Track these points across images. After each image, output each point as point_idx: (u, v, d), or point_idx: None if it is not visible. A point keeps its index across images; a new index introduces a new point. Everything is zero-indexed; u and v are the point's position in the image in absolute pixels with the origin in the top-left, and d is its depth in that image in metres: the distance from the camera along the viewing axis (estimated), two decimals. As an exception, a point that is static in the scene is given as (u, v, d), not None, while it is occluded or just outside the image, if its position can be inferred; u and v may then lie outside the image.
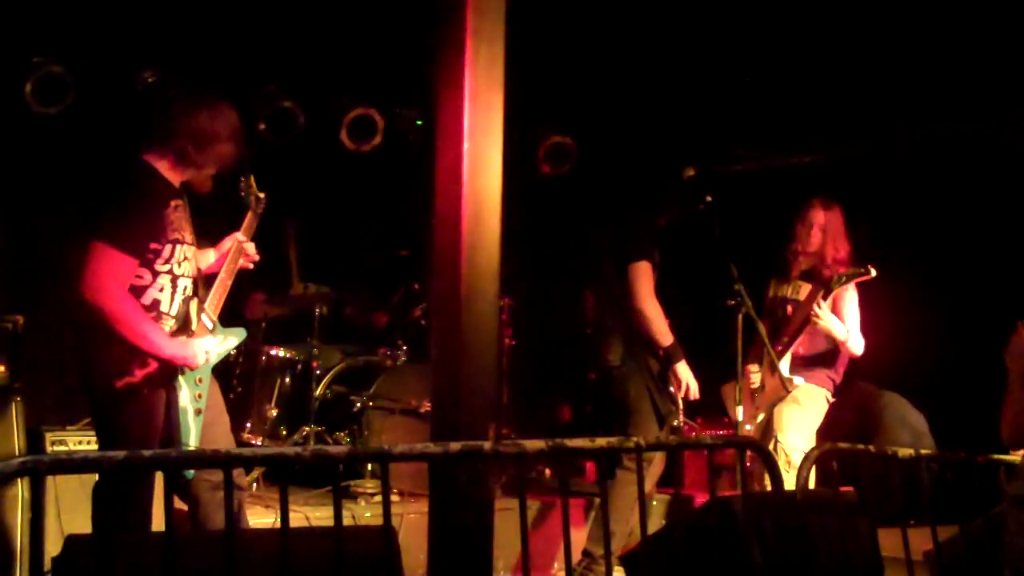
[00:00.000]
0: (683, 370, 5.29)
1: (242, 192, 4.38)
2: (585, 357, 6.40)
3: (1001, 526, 3.52)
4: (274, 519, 4.97)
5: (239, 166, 4.21)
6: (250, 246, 4.29)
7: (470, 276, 3.50)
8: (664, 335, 5.26)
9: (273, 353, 6.26)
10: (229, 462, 2.77)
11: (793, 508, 3.47)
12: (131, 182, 3.88)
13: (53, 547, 2.69)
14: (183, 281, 3.92)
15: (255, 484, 5.80)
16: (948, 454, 4.59)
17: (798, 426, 5.23)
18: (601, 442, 3.15)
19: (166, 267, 3.85)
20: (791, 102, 6.56)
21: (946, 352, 6.22)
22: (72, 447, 4.85)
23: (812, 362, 5.34)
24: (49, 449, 4.78)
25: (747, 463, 3.73)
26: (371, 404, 6.12)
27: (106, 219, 3.77)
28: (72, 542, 2.71)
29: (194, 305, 3.98)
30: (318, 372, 6.15)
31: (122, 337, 3.72)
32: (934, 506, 3.97)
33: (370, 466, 5.88)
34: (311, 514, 5.16)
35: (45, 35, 5.82)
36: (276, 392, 6.22)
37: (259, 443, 6.02)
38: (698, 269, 5.66)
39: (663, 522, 5.98)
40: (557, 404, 7.55)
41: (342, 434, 6.18)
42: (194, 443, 3.89)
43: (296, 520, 4.84)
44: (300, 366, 6.25)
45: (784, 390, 5.15)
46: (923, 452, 4.20)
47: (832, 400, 5.38)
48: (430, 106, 3.70)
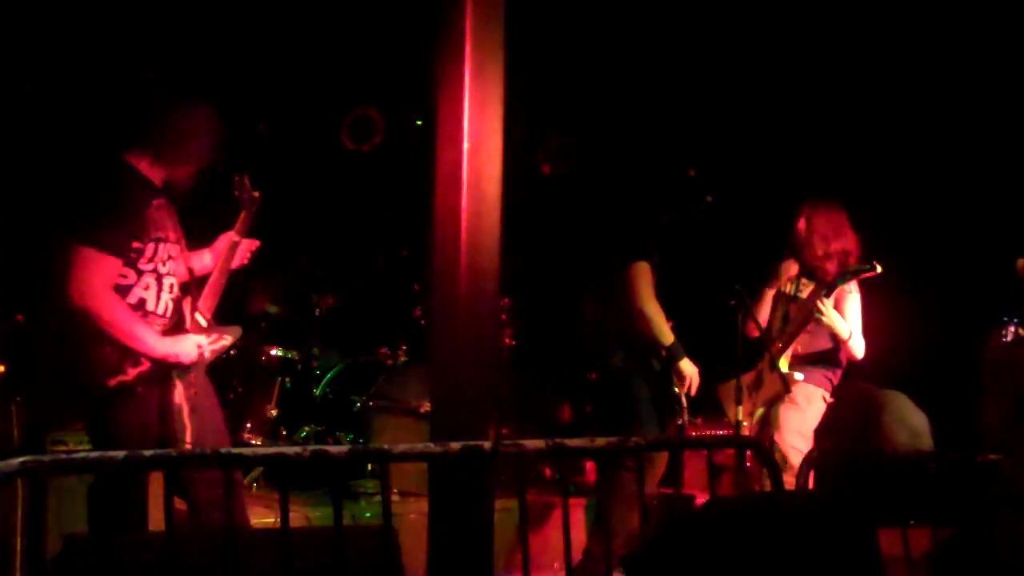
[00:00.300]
0: (686, 367, 5.29)
1: (236, 191, 4.34)
2: (585, 357, 6.40)
3: (999, 528, 3.53)
4: (274, 519, 4.96)
5: (219, 164, 4.17)
6: (245, 244, 4.26)
7: (470, 276, 3.50)
8: (665, 335, 5.26)
9: (273, 353, 6.26)
10: (229, 462, 2.77)
11: (793, 508, 3.47)
12: (110, 181, 3.84)
13: (53, 547, 2.69)
14: (168, 279, 3.89)
15: (255, 484, 5.80)
16: (948, 454, 4.58)
17: (796, 427, 5.20)
18: (601, 442, 3.15)
19: (150, 266, 3.82)
20: (790, 102, 6.56)
21: (947, 351, 6.21)
22: (72, 447, 4.85)
23: (811, 361, 5.31)
24: (49, 449, 4.78)
25: (747, 463, 3.73)
26: (371, 404, 6.12)
27: (88, 220, 3.73)
28: (72, 542, 2.71)
29: (187, 305, 3.95)
30: (318, 372, 6.15)
31: (113, 338, 3.69)
32: (934, 506, 3.97)
33: (370, 466, 5.88)
34: (311, 514, 5.16)
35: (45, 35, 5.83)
36: (276, 392, 6.22)
37: (259, 443, 6.03)
38: (698, 269, 5.66)
39: (663, 522, 5.97)
40: (557, 404, 7.54)
41: (342, 434, 6.18)
42: (189, 441, 3.85)
43: (296, 520, 4.84)
44: (300, 366, 6.26)
45: (784, 389, 5.14)
46: (923, 452, 4.20)
47: (829, 400, 5.37)
48: (430, 106, 3.69)
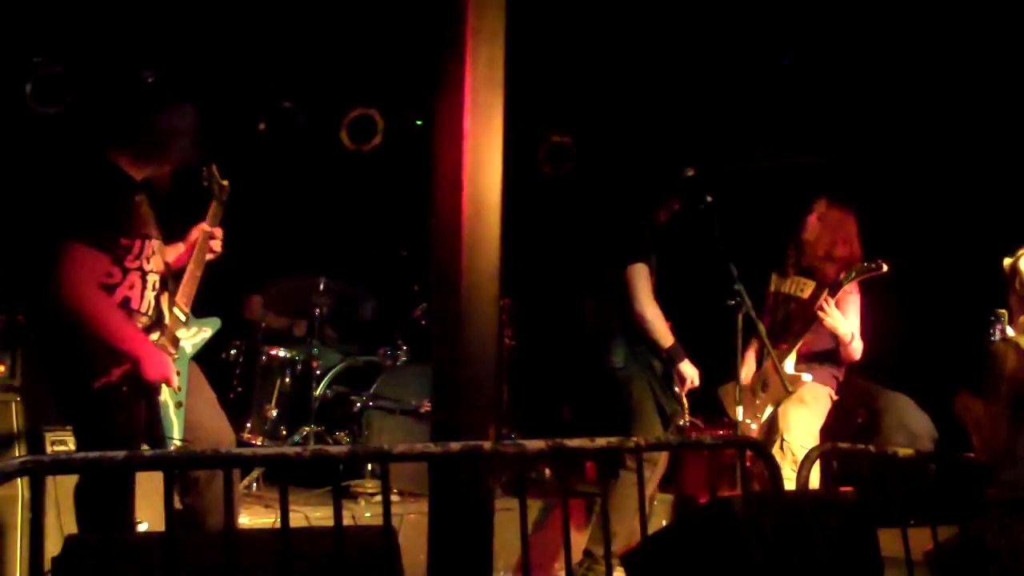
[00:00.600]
0: (687, 368, 5.29)
1: (205, 182, 4.30)
2: (585, 357, 6.40)
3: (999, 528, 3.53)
4: (274, 519, 4.96)
5: (199, 162, 4.16)
6: (216, 235, 4.23)
7: (470, 276, 3.50)
8: (665, 336, 5.26)
9: (273, 353, 6.26)
10: (229, 462, 2.77)
11: (793, 508, 3.47)
12: (98, 178, 3.81)
13: (53, 547, 2.69)
14: (152, 276, 3.87)
15: (255, 484, 5.80)
16: (947, 454, 4.59)
17: (805, 425, 5.19)
18: (601, 442, 3.15)
19: (136, 263, 3.80)
20: (790, 101, 6.56)
21: (949, 350, 6.20)
22: (72, 447, 4.84)
23: (816, 360, 5.28)
24: (49, 449, 4.77)
25: (747, 463, 3.73)
26: (371, 404, 6.12)
27: (77, 216, 3.70)
28: (72, 542, 2.71)
29: (165, 300, 3.94)
30: (318, 372, 6.15)
31: (98, 337, 3.66)
32: (934, 506, 3.97)
33: (370, 466, 5.88)
34: (311, 514, 5.16)
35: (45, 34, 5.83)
36: (276, 392, 6.21)
37: (259, 443, 6.03)
38: (698, 269, 5.66)
39: (664, 522, 5.98)
40: (557, 404, 7.54)
41: (342, 434, 6.18)
42: (178, 437, 3.84)
43: (296, 520, 4.83)
44: (300, 366, 6.25)
45: (785, 390, 5.14)
46: (922, 452, 4.20)
47: (835, 399, 5.36)
48: (430, 106, 3.69)
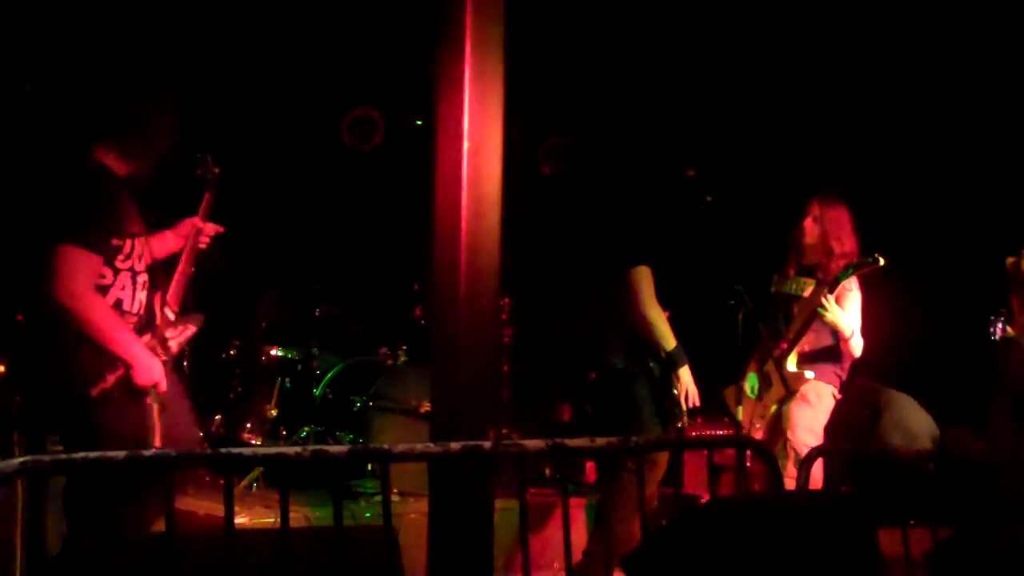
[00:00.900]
0: (685, 375, 5.28)
1: (199, 170, 4.22)
2: (585, 357, 6.40)
3: (999, 528, 3.53)
4: (274, 519, 4.96)
5: (174, 157, 4.08)
6: (207, 231, 4.19)
7: (470, 276, 3.50)
8: (667, 339, 5.25)
9: (273, 353, 6.26)
10: (229, 463, 2.77)
11: (793, 508, 3.47)
12: (88, 178, 3.78)
13: (53, 547, 2.70)
14: (142, 276, 3.85)
15: (255, 484, 5.80)
16: (945, 455, 4.59)
17: (807, 424, 5.18)
18: (601, 442, 3.15)
19: (127, 263, 3.78)
20: (790, 102, 6.57)
21: (951, 349, 6.19)
22: (72, 447, 4.84)
23: (818, 359, 5.28)
24: (49, 449, 4.78)
25: (747, 463, 3.73)
26: (371, 404, 6.11)
27: (69, 219, 3.66)
28: (72, 542, 2.71)
29: (157, 299, 3.91)
30: (318, 372, 6.15)
31: (93, 340, 3.63)
32: (934, 506, 3.97)
33: (370, 466, 5.88)
34: (311, 514, 5.16)
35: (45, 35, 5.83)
36: (276, 392, 6.21)
37: (259, 443, 6.02)
38: (698, 269, 5.66)
39: (664, 522, 5.97)
40: (557, 404, 7.54)
41: (342, 434, 6.18)
42: (157, 441, 3.78)
43: (296, 520, 4.84)
44: (300, 366, 6.25)
45: (787, 389, 5.14)
46: (923, 452, 4.20)
47: (838, 397, 5.35)
48: (430, 106, 3.69)
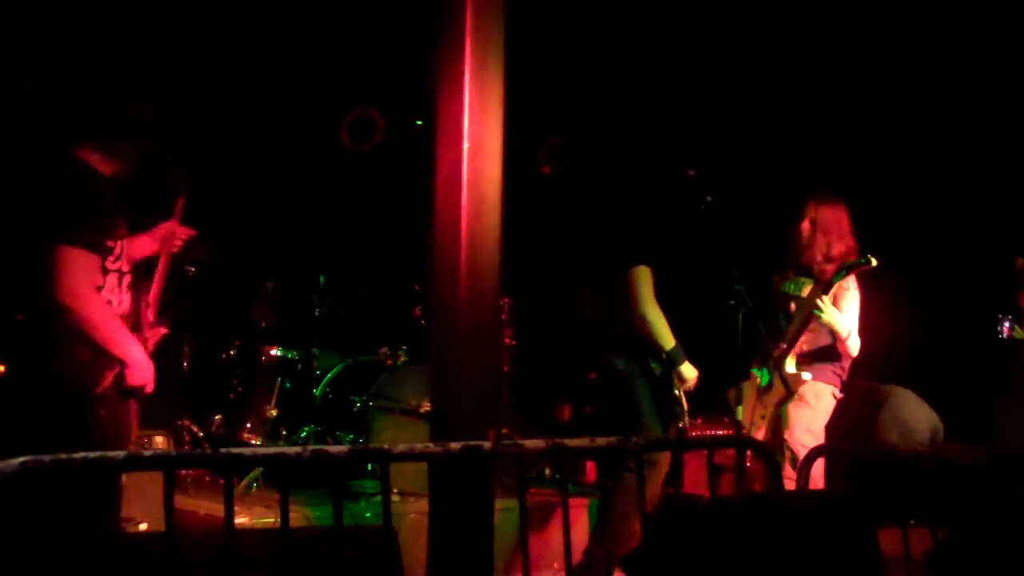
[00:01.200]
0: (687, 371, 5.29)
1: (165, 175, 4.21)
2: (585, 357, 6.40)
3: (999, 528, 3.52)
4: (274, 519, 4.96)
5: (155, 158, 4.07)
6: (181, 235, 4.19)
7: (470, 276, 3.50)
8: (667, 338, 5.26)
9: (273, 353, 6.26)
10: (229, 463, 2.77)
11: (793, 508, 3.47)
12: (85, 179, 3.77)
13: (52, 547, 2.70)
14: (127, 277, 3.86)
15: (255, 484, 5.80)
16: (943, 455, 4.58)
17: (805, 424, 5.18)
18: (601, 442, 3.15)
19: (116, 264, 3.78)
20: (789, 102, 6.57)
21: (954, 348, 6.19)
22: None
23: (817, 359, 5.27)
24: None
25: (747, 463, 3.73)
26: (371, 404, 6.12)
27: (72, 220, 3.65)
28: (74, 542, 2.71)
29: (143, 301, 3.93)
30: (318, 372, 6.15)
31: (94, 340, 3.62)
32: (934, 506, 3.97)
33: (370, 466, 5.88)
34: (311, 514, 5.16)
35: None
36: (276, 392, 6.22)
37: (259, 443, 6.03)
38: (698, 269, 5.66)
39: (663, 523, 5.97)
40: (557, 404, 7.55)
41: (342, 434, 6.18)
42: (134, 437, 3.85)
43: (296, 520, 4.84)
44: (300, 366, 6.26)
45: (787, 390, 5.14)
46: (922, 451, 4.20)
47: (839, 397, 5.35)
48: (430, 106, 3.69)
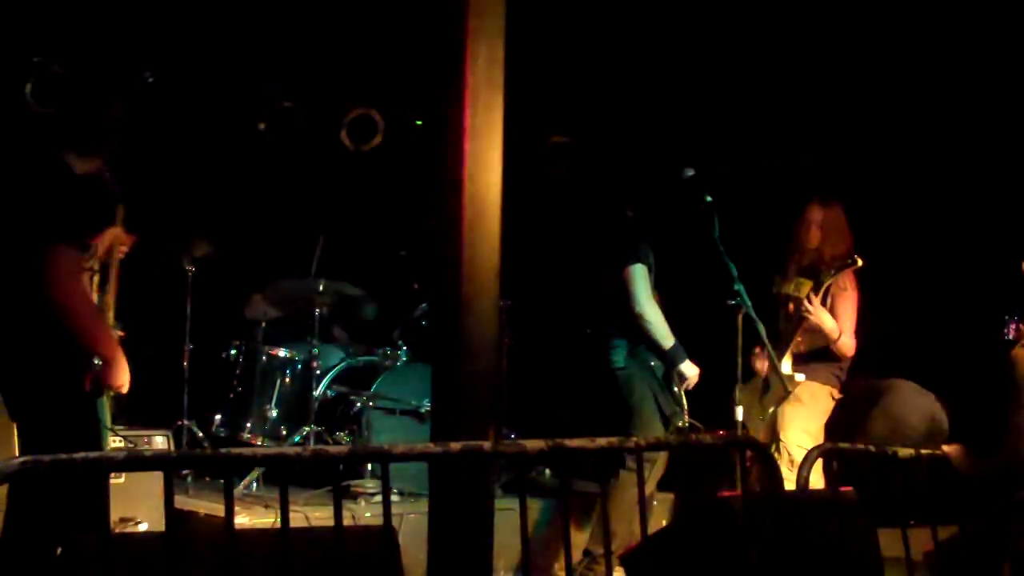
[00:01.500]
0: (688, 369, 5.28)
1: (108, 183, 4.17)
2: (585, 357, 6.40)
3: (1002, 529, 3.52)
4: (274, 519, 4.96)
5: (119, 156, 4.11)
6: (125, 241, 4.18)
7: (470, 276, 3.50)
8: (666, 337, 5.25)
9: (273, 353, 6.26)
10: (229, 463, 2.77)
11: (793, 508, 3.47)
12: (74, 180, 3.81)
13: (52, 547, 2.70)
14: (96, 276, 3.91)
15: (255, 484, 5.80)
16: (940, 455, 4.57)
17: (801, 425, 5.19)
18: (601, 442, 3.14)
19: (89, 263, 3.83)
20: (789, 102, 6.56)
21: (963, 352, 6.17)
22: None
23: (815, 359, 5.27)
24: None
25: (747, 463, 3.73)
26: (371, 404, 6.11)
27: (65, 219, 3.70)
28: (72, 542, 2.71)
29: (107, 301, 3.97)
30: (318, 372, 6.14)
31: (81, 337, 3.66)
32: (934, 506, 3.97)
33: (370, 466, 5.88)
34: (311, 514, 5.16)
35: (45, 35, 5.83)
36: (276, 392, 6.21)
37: (259, 443, 6.03)
38: (698, 269, 5.65)
39: (664, 522, 5.97)
40: (557, 404, 7.54)
41: (342, 434, 6.17)
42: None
43: (296, 520, 4.82)
44: (300, 366, 6.25)
45: (783, 390, 5.13)
46: (923, 452, 4.19)
47: (838, 397, 5.34)
48: (430, 106, 3.69)
